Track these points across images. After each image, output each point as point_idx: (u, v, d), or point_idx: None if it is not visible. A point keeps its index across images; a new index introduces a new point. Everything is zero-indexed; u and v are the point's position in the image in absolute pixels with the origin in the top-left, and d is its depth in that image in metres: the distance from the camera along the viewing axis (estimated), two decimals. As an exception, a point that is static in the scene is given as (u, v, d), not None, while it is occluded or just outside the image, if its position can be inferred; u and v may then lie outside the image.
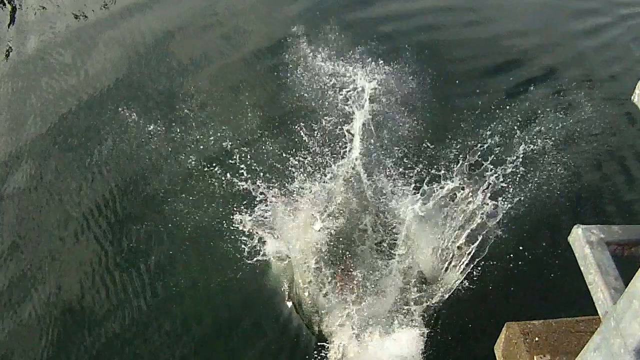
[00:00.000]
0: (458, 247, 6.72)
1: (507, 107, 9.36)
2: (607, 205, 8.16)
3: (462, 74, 10.16)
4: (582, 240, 4.09)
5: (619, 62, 10.89)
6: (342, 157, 7.86)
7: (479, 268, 6.58)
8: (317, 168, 7.87)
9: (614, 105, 9.69)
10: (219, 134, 8.49)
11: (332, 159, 7.91)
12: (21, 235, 7.50)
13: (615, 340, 3.63)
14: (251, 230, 7.05)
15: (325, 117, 8.60)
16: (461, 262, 6.57)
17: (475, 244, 6.57)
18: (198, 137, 8.45)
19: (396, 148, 8.31)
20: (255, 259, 6.90)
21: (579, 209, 7.91)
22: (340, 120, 8.28)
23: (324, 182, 7.59)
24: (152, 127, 8.65)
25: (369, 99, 7.96)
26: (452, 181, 7.12)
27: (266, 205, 7.14)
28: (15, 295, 6.88)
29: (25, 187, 8.09)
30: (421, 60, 9.97)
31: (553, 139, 8.40)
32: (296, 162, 7.91)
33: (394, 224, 7.35)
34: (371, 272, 6.96)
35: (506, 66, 10.55)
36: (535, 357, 5.07)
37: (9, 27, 11.32)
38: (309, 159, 7.98)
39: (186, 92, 9.51)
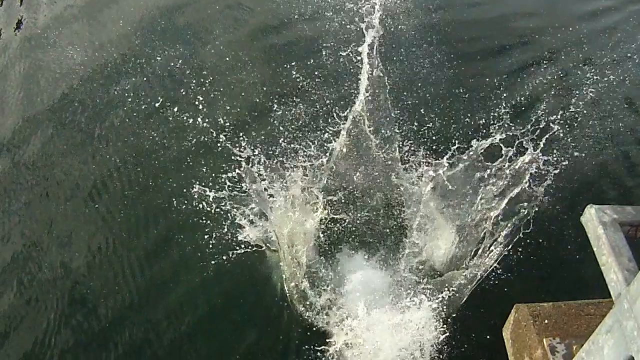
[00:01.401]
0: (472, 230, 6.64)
1: (508, 88, 9.31)
2: (609, 188, 8.10)
3: (464, 55, 10.02)
4: (595, 220, 4.01)
5: (620, 46, 10.69)
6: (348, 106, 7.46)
7: (487, 250, 6.51)
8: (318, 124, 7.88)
9: (615, 89, 9.58)
10: (223, 107, 8.49)
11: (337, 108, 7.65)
12: (27, 208, 7.52)
13: (628, 323, 3.57)
14: (250, 213, 6.95)
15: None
16: (472, 250, 6.50)
17: (487, 227, 6.49)
18: (204, 109, 8.29)
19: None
20: (251, 244, 6.81)
21: (583, 191, 7.81)
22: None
23: (323, 141, 7.40)
24: (158, 102, 8.60)
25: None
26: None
27: (269, 183, 6.98)
28: (19, 268, 6.90)
29: (31, 162, 8.08)
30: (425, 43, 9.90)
31: (553, 121, 8.25)
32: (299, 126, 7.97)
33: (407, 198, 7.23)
34: (378, 257, 6.89)
35: (509, 47, 10.45)
36: (544, 339, 5.02)
37: (21, 3, 11.28)
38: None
39: (192, 66, 9.45)
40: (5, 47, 10.30)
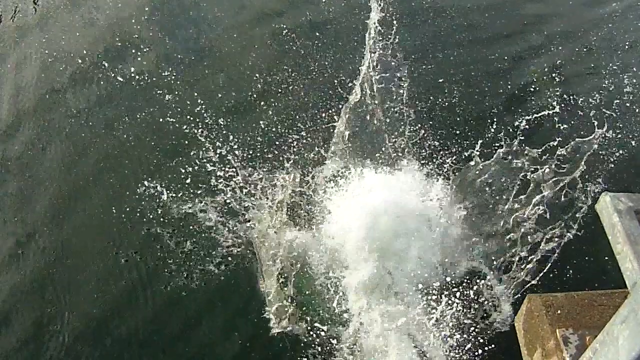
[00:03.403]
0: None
1: (507, 76, 9.14)
2: (608, 178, 7.84)
3: (460, 43, 9.78)
4: (610, 208, 3.93)
5: (622, 35, 10.49)
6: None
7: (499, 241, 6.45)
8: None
9: (615, 79, 9.28)
10: (227, 91, 8.52)
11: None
12: (28, 191, 7.56)
13: (643, 312, 3.50)
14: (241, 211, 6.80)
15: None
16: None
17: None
18: (207, 96, 8.34)
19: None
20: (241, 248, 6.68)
21: (590, 180, 7.62)
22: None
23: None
24: (161, 87, 8.52)
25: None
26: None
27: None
28: (19, 252, 6.93)
29: (32, 145, 8.12)
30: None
31: (552, 111, 8.11)
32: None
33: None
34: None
35: (507, 35, 10.17)
36: (557, 330, 4.96)
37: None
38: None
39: (198, 50, 9.45)
40: (24, 27, 10.32)
